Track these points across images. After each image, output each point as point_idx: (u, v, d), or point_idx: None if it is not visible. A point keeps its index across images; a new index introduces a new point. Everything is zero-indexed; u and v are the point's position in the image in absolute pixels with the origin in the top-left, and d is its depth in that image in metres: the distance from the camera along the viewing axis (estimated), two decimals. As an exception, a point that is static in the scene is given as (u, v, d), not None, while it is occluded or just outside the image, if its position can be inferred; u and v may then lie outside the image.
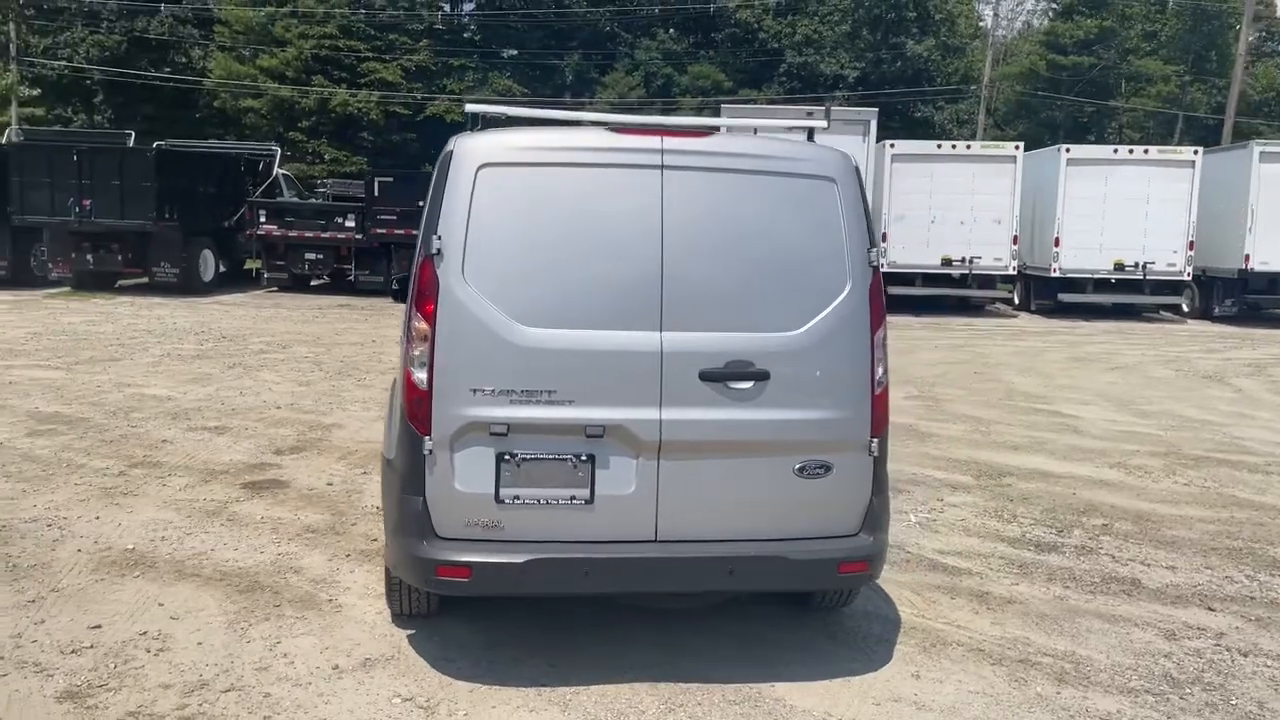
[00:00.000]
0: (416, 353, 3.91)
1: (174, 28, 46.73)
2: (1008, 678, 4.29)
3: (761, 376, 4.01)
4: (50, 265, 19.49)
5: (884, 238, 20.20)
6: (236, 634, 4.41)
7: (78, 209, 18.65)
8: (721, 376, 3.98)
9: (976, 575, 5.48)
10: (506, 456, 3.91)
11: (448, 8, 48.89)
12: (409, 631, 4.49)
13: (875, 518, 4.22)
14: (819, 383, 4.10)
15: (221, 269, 21.36)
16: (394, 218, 19.46)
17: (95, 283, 19.86)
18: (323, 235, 20.34)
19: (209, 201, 20.70)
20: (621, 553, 3.95)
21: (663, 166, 4.02)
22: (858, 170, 4.26)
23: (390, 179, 20.09)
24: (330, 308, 18.60)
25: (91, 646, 4.23)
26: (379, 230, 19.70)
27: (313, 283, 21.79)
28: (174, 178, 19.39)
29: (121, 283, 20.55)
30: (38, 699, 3.78)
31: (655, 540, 4.00)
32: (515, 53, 48.75)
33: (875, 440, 4.17)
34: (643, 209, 3.98)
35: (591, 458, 3.94)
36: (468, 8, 49.94)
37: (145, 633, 4.38)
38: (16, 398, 9.26)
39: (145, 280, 19.96)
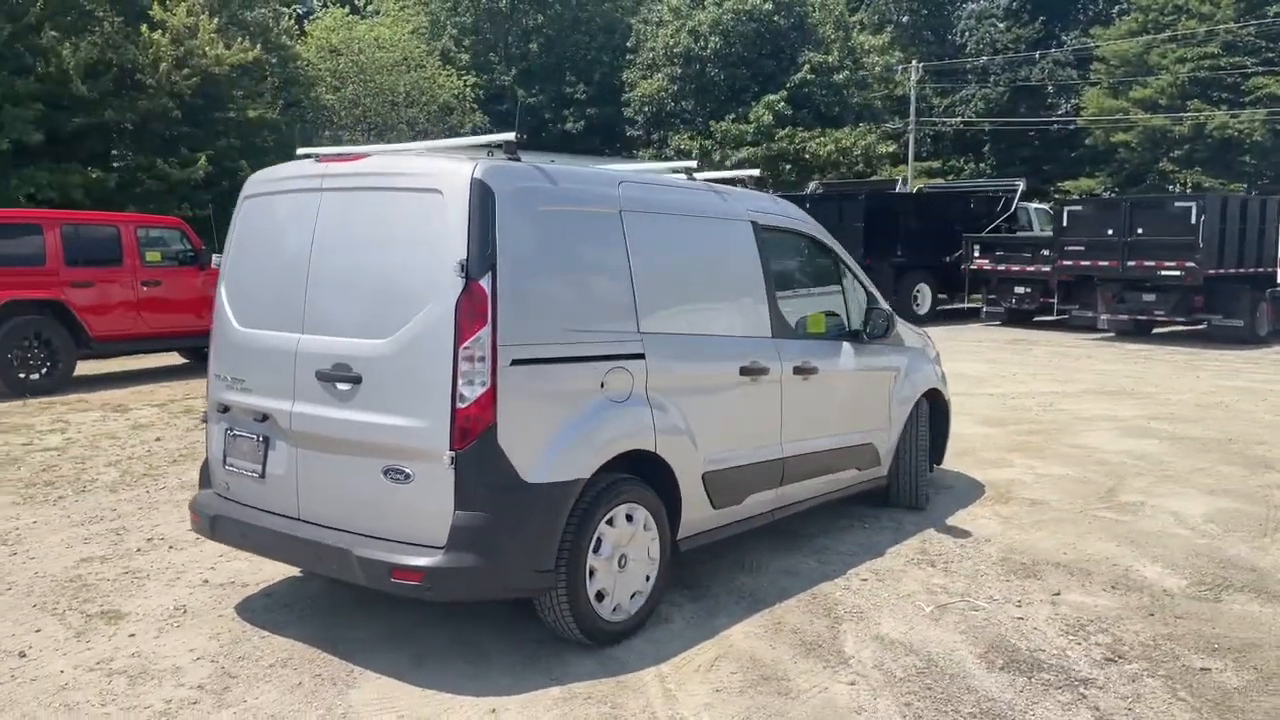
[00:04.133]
0: (213, 345, 5.18)
1: (1052, 72, 48.02)
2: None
3: (356, 380, 4.35)
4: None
5: None
6: (225, 551, 6.01)
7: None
8: (330, 377, 4.43)
9: (798, 663, 4.43)
10: (228, 430, 4.93)
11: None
12: (298, 573, 5.63)
13: (466, 536, 4.14)
14: (401, 390, 4.24)
15: (939, 303, 22.38)
16: (1081, 249, 18.26)
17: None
18: (1028, 269, 19.97)
19: (932, 239, 21.82)
20: (266, 523, 4.66)
21: (321, 190, 4.63)
22: (480, 183, 4.19)
23: (1080, 208, 18.84)
24: (1011, 342, 18.23)
25: (149, 540, 6.27)
26: (1066, 263, 18.64)
27: (1036, 318, 21.33)
28: (887, 218, 21.11)
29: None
30: (64, 560, 5.96)
31: (299, 519, 4.60)
32: None
33: (455, 454, 4.11)
34: (305, 226, 4.66)
35: (266, 439, 4.73)
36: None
37: (187, 537, 6.27)
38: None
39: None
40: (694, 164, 5.61)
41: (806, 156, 36.01)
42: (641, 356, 4.74)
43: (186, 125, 32.65)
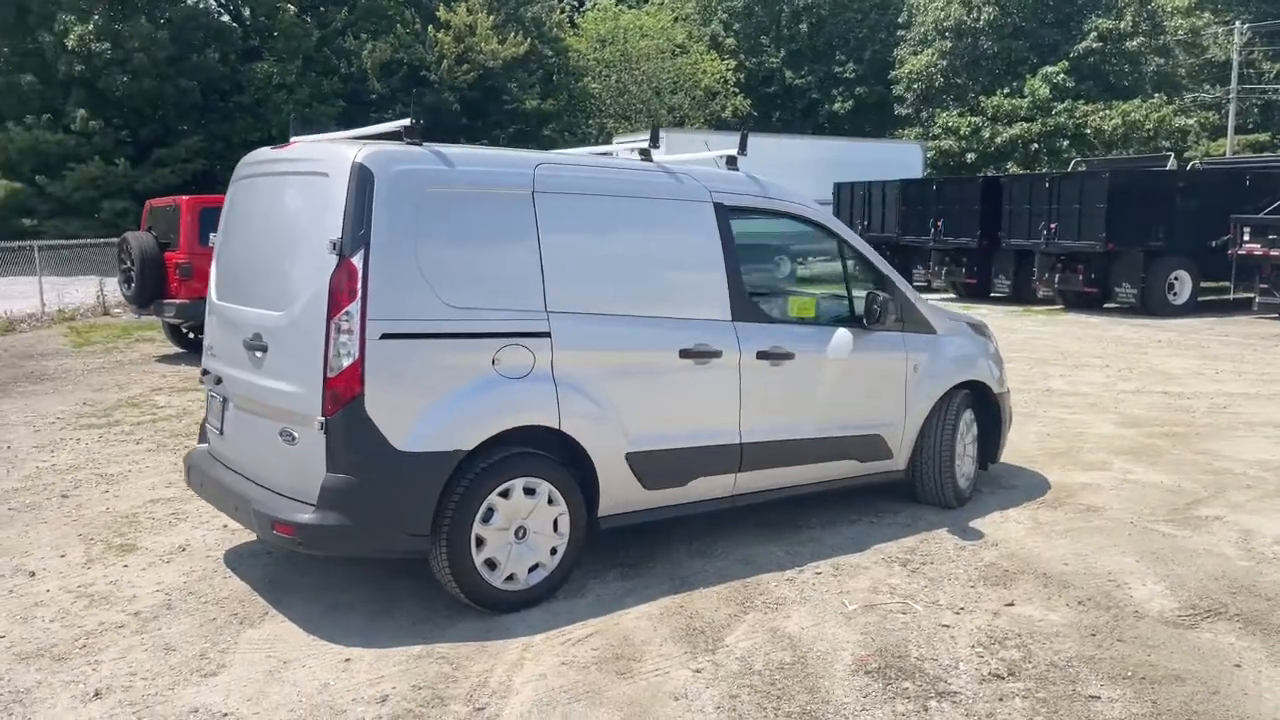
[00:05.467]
0: (212, 319, 5.80)
1: None
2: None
3: (264, 349, 4.76)
4: (1036, 285, 21.25)
5: None
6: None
7: (1045, 232, 20.07)
8: (251, 346, 4.89)
9: (664, 647, 4.39)
10: (209, 392, 5.52)
11: None
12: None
13: (333, 497, 4.46)
14: (291, 359, 4.63)
15: (1206, 293, 20.11)
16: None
17: (1080, 301, 20.79)
18: (1305, 254, 17.56)
19: (1195, 221, 19.61)
20: (214, 474, 5.20)
21: (269, 175, 5.09)
22: (360, 166, 4.46)
23: (1362, 184, 16.23)
24: (1263, 338, 16.16)
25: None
26: (1343, 247, 16.20)
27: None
28: (1137, 199, 19.21)
29: (1109, 305, 20.87)
30: (136, 499, 6.84)
31: (240, 475, 5.10)
32: None
33: (325, 420, 4.43)
34: (255, 207, 5.17)
35: (225, 400, 5.27)
36: None
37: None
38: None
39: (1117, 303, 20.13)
40: (645, 144, 5.57)
41: (1088, 131, 33.32)
42: (546, 335, 4.82)
43: (465, 118, 35.05)
